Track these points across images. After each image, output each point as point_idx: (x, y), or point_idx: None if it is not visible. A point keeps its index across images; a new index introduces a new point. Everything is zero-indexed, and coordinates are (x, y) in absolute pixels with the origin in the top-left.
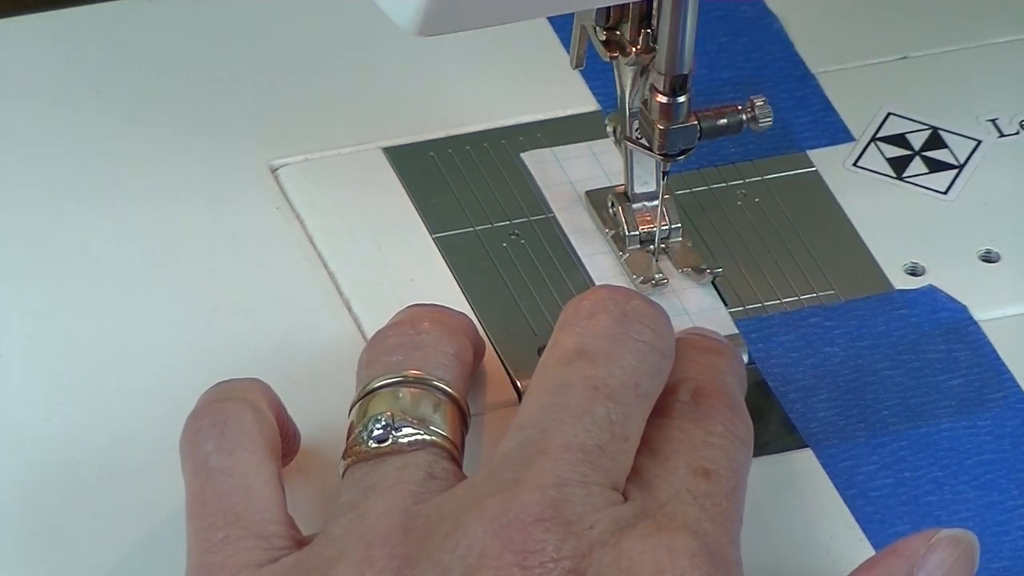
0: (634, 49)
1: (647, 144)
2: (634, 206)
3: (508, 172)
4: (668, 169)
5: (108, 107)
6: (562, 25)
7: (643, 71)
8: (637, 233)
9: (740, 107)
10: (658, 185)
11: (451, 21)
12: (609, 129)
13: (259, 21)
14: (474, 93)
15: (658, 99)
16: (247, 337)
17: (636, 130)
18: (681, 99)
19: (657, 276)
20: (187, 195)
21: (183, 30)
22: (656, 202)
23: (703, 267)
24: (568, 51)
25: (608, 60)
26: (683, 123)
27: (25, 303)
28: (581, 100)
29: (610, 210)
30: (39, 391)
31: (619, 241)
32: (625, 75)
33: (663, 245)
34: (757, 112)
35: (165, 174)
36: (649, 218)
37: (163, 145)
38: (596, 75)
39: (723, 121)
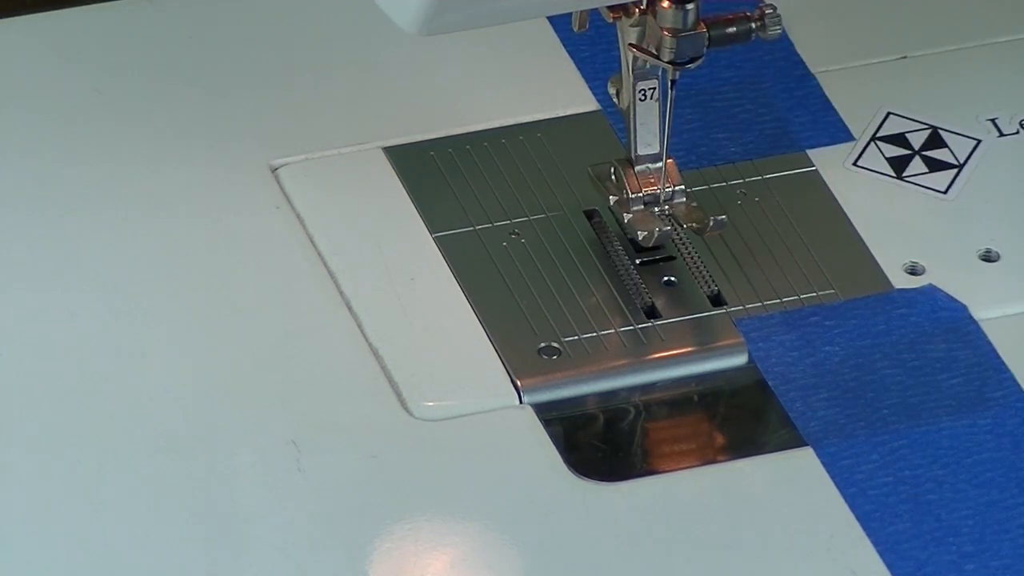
0: (637, 10)
1: (655, 53)
2: (637, 169)
3: (508, 172)
4: (676, 78)
5: (108, 107)
6: (562, 25)
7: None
8: (640, 195)
9: (749, 14)
10: (666, 97)
11: (451, 21)
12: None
13: (259, 21)
14: (474, 93)
15: (665, 5)
16: (247, 337)
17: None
18: (689, 6)
19: (662, 228)
20: (187, 195)
21: (183, 30)
22: (659, 164)
23: (707, 220)
24: (568, 51)
25: (611, 21)
26: (691, 30)
27: (25, 303)
28: (581, 100)
29: (612, 175)
30: (39, 391)
31: (623, 204)
32: (628, 37)
33: (667, 206)
34: (767, 20)
35: (165, 174)
36: (652, 180)
37: (163, 145)
38: (596, 75)
39: (732, 29)
